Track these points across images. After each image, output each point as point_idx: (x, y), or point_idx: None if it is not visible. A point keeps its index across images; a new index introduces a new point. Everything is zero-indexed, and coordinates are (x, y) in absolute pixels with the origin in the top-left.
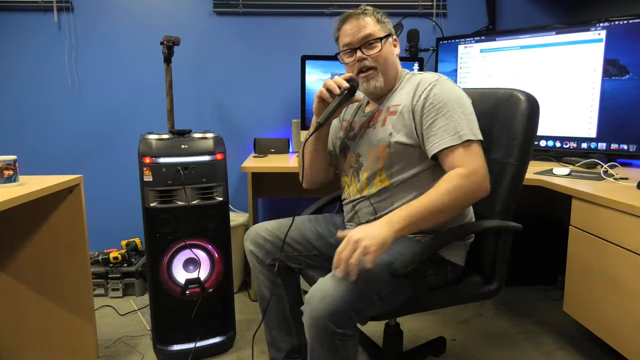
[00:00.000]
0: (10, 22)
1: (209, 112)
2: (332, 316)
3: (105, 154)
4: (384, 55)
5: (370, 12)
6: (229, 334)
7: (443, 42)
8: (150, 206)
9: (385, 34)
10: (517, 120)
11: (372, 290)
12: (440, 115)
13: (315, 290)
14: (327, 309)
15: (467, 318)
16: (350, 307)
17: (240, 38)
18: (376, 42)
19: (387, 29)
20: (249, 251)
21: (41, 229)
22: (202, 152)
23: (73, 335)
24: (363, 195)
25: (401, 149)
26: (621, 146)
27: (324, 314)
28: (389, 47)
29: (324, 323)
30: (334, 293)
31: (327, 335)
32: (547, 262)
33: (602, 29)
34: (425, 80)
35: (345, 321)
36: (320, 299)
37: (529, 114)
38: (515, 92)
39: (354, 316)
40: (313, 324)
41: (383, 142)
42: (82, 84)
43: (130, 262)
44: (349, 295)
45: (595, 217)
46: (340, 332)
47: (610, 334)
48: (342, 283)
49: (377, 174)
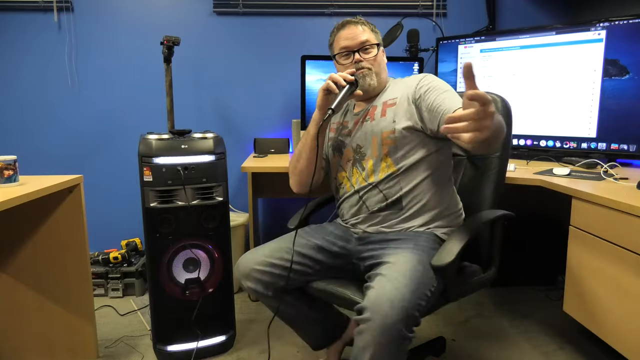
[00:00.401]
0: (10, 22)
1: (209, 112)
2: (406, 320)
3: (105, 154)
4: (378, 60)
5: (365, 22)
6: (229, 334)
7: (443, 42)
8: (150, 206)
9: (379, 42)
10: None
11: (427, 287)
12: (442, 92)
13: (378, 296)
14: (399, 314)
15: (467, 318)
16: (416, 308)
17: (240, 38)
18: (372, 47)
19: (379, 39)
20: (248, 287)
21: (41, 229)
22: (202, 152)
23: (73, 335)
24: (370, 182)
25: (406, 134)
26: (621, 146)
27: (397, 319)
28: (381, 54)
29: (398, 328)
30: (401, 296)
31: (398, 340)
32: (547, 262)
33: (602, 29)
34: (415, 77)
35: (413, 323)
36: (390, 304)
37: (507, 113)
38: (491, 95)
39: (418, 317)
40: (386, 332)
41: (387, 129)
42: (82, 84)
43: (130, 262)
44: (413, 296)
45: (595, 217)
46: (410, 336)
47: (610, 334)
48: (402, 286)
49: (382, 160)
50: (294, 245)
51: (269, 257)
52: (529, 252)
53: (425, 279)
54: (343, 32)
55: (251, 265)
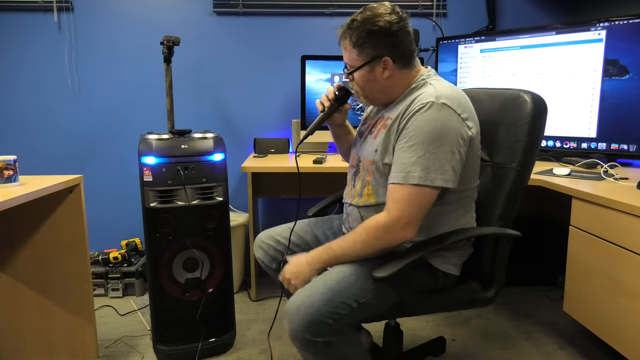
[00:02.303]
0: (10, 22)
1: (209, 112)
2: (309, 327)
3: (105, 154)
4: (359, 85)
5: (347, 35)
6: (229, 334)
7: (443, 42)
8: (150, 206)
9: (365, 61)
10: (521, 123)
11: (350, 297)
12: (407, 147)
13: (290, 302)
14: (302, 321)
15: (467, 318)
16: (326, 316)
17: (240, 38)
18: (353, 69)
19: (366, 54)
20: (257, 257)
21: (41, 229)
22: (202, 152)
23: (73, 335)
24: (354, 203)
25: (384, 172)
26: (621, 146)
27: (299, 326)
28: (367, 75)
29: (301, 335)
30: (308, 304)
31: (308, 345)
32: (547, 262)
33: (602, 29)
34: (419, 100)
35: (322, 330)
36: (295, 310)
37: (533, 116)
38: (522, 94)
39: (333, 324)
40: (292, 336)
41: (369, 157)
42: (82, 84)
43: (130, 262)
44: (325, 305)
45: (595, 217)
46: (320, 341)
47: (610, 334)
48: (316, 294)
49: (366, 186)
50: (300, 230)
51: (277, 234)
52: (529, 252)
53: (353, 289)
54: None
55: (262, 238)
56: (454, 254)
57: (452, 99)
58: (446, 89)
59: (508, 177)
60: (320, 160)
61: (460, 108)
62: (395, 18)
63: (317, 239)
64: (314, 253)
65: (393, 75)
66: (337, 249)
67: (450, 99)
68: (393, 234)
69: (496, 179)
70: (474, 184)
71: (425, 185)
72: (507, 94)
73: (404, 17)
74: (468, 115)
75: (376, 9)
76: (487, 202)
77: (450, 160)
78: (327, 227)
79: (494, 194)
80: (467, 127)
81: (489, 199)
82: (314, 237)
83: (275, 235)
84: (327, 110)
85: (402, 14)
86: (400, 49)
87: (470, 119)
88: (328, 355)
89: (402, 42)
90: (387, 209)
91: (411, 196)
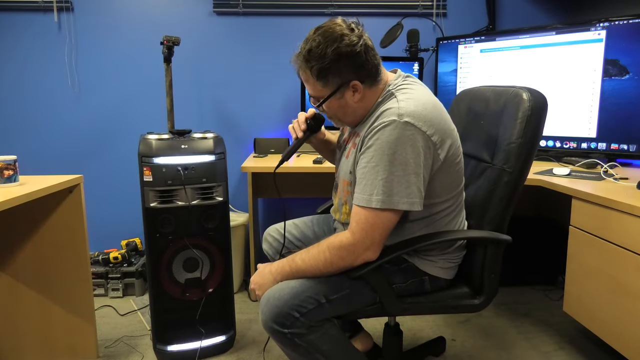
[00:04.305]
0: (11, 22)
1: (209, 112)
2: (276, 318)
3: (105, 154)
4: (332, 112)
5: (306, 67)
6: (229, 334)
7: (443, 42)
8: (150, 206)
9: (332, 90)
10: (515, 123)
11: (319, 293)
12: (371, 167)
13: (265, 295)
14: (270, 312)
15: (467, 318)
16: (293, 309)
17: (240, 38)
18: (320, 103)
19: (332, 83)
20: (264, 249)
21: (41, 229)
22: (202, 152)
23: (73, 335)
24: (337, 219)
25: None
26: (621, 146)
27: (268, 316)
28: (337, 102)
29: (270, 325)
30: (278, 296)
31: (277, 335)
32: (547, 262)
33: (602, 29)
34: (382, 117)
35: (290, 322)
36: (266, 302)
37: (529, 116)
38: (520, 91)
39: (300, 317)
40: (263, 326)
41: (346, 178)
42: (82, 84)
43: (130, 262)
44: (292, 298)
45: (595, 217)
46: (288, 332)
47: (610, 334)
48: (287, 287)
49: (344, 205)
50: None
51: (281, 228)
52: (529, 252)
53: (324, 286)
54: None
55: (269, 232)
56: (442, 257)
57: (417, 116)
58: (410, 103)
59: (501, 180)
60: (321, 160)
61: (426, 124)
62: (354, 38)
63: (316, 235)
64: (278, 264)
65: (364, 96)
66: (300, 263)
67: (415, 116)
68: (355, 255)
69: (492, 182)
70: (455, 190)
71: (390, 208)
72: (509, 92)
73: (361, 30)
74: (435, 130)
75: (332, 31)
76: (481, 205)
77: (415, 182)
78: (325, 225)
79: (487, 197)
80: (432, 143)
81: (483, 202)
82: (314, 233)
83: (281, 229)
84: (300, 139)
85: (359, 28)
86: (366, 68)
87: (438, 132)
88: (305, 350)
89: (366, 60)
90: (350, 229)
91: (375, 219)
